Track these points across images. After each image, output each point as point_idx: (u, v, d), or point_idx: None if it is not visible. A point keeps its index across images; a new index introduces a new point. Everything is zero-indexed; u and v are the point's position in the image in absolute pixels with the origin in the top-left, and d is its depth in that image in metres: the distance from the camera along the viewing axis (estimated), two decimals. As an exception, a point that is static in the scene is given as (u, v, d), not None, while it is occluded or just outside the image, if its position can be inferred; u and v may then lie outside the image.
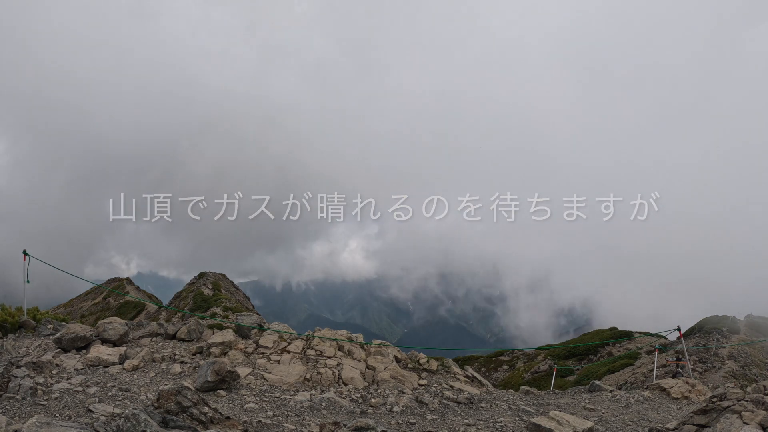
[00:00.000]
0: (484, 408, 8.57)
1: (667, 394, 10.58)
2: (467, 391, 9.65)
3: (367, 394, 8.81)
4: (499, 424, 7.53)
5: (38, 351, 9.56)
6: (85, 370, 8.51)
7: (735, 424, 5.36)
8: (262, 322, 11.61)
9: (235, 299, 56.48)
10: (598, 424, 7.91)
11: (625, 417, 8.52)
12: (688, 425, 6.18)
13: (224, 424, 5.52)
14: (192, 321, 11.36)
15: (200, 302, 50.27)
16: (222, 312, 43.90)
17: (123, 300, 54.60)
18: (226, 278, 66.57)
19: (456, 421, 7.70)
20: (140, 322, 11.38)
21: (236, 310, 45.04)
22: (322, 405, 7.86)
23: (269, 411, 7.38)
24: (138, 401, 7.23)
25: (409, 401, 8.46)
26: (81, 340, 9.61)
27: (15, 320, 11.03)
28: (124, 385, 7.83)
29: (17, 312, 11.67)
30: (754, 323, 42.37)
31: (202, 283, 59.10)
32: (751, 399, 5.95)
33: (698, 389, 10.72)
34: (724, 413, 5.84)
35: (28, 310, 12.19)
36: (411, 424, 7.42)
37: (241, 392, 8.18)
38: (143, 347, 10.01)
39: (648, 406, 9.59)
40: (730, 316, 43.95)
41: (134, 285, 66.01)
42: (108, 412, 6.33)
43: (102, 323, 10.42)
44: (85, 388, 7.50)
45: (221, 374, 8.06)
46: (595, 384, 11.38)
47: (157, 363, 9.32)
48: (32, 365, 8.02)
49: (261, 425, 6.55)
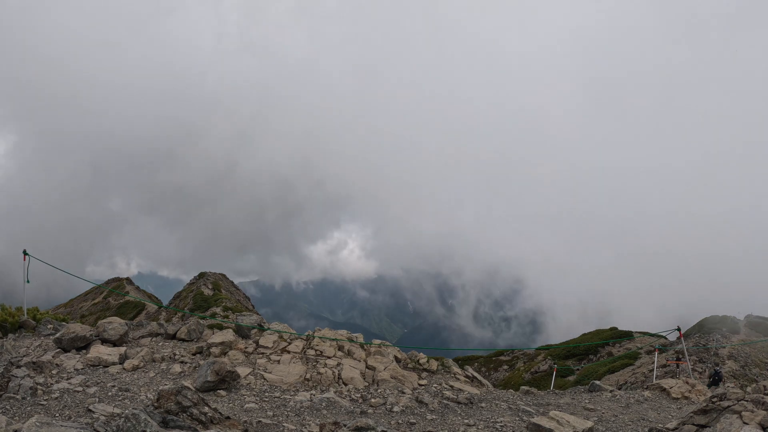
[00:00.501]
0: (484, 408, 8.57)
1: (667, 394, 10.58)
2: (467, 391, 9.66)
3: (367, 394, 8.81)
4: (499, 424, 7.53)
5: (38, 351, 9.56)
6: (85, 370, 8.51)
7: (735, 424, 5.36)
8: (262, 322, 11.62)
9: (235, 299, 56.47)
10: (598, 424, 7.91)
11: (625, 417, 8.52)
12: (688, 425, 6.18)
13: (224, 424, 5.52)
14: (192, 321, 11.36)
15: (200, 302, 50.26)
16: (222, 312, 43.90)
17: (123, 300, 54.59)
18: (226, 278, 66.58)
19: (456, 421, 7.70)
20: (140, 322, 11.38)
21: (236, 310, 45.04)
22: (322, 405, 7.86)
23: (269, 411, 7.38)
24: (138, 401, 7.23)
25: (409, 401, 8.46)
26: (81, 340, 9.61)
27: (15, 320, 11.03)
28: (124, 385, 7.83)
29: (17, 312, 11.67)
30: (754, 323, 42.37)
31: (202, 283, 59.10)
32: (751, 399, 5.95)
33: (698, 389, 10.72)
34: (724, 413, 5.84)
35: (28, 310, 12.19)
36: (411, 424, 7.42)
37: (241, 392, 8.18)
38: (143, 347, 10.01)
39: (648, 406, 9.59)
40: (730, 316, 43.96)
41: (134, 285, 66.00)
42: (108, 412, 6.33)
43: (102, 323, 10.42)
44: (85, 388, 7.50)
45: (221, 374, 8.06)
46: (595, 384, 11.39)
47: (157, 363, 9.32)
48: (32, 365, 8.02)
49: (261, 425, 6.55)
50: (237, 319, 11.48)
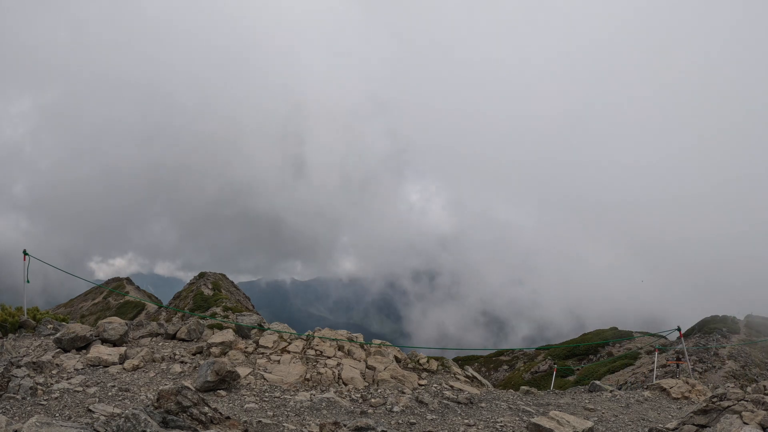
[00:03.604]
0: (484, 408, 8.57)
1: (667, 394, 10.58)
2: (467, 391, 9.66)
3: (367, 394, 8.81)
4: (499, 424, 7.53)
5: (38, 351, 9.56)
6: (85, 370, 8.51)
7: (735, 424, 5.36)
8: (262, 322, 11.62)
9: (235, 299, 56.49)
10: (598, 424, 7.91)
11: (625, 417, 8.52)
12: (688, 425, 6.18)
13: (224, 424, 5.52)
14: (192, 321, 11.36)
15: (200, 302, 50.28)
16: (222, 312, 43.91)
17: (123, 300, 54.61)
18: (226, 278, 66.63)
19: (456, 421, 7.69)
20: (140, 321, 11.39)
21: (236, 309, 45.05)
22: (322, 405, 7.86)
23: (269, 411, 7.38)
24: (138, 401, 7.22)
25: (409, 401, 8.46)
26: (81, 340, 9.61)
27: (15, 320, 11.03)
28: (124, 385, 7.83)
29: (17, 312, 11.68)
30: (754, 323, 42.38)
31: (202, 283, 59.14)
32: (751, 399, 5.95)
33: (698, 389, 10.72)
34: (724, 413, 5.84)
35: (28, 310, 12.20)
36: (411, 424, 7.42)
37: (241, 392, 8.17)
38: (143, 347, 10.01)
39: (648, 406, 9.58)
40: (730, 316, 43.97)
41: (134, 285, 66.04)
42: (108, 412, 6.32)
43: (102, 323, 10.42)
44: (85, 388, 7.50)
45: (221, 374, 8.06)
46: (595, 384, 11.39)
47: (157, 363, 9.32)
48: (32, 365, 8.02)
49: (261, 425, 6.55)
50: (237, 319, 11.48)
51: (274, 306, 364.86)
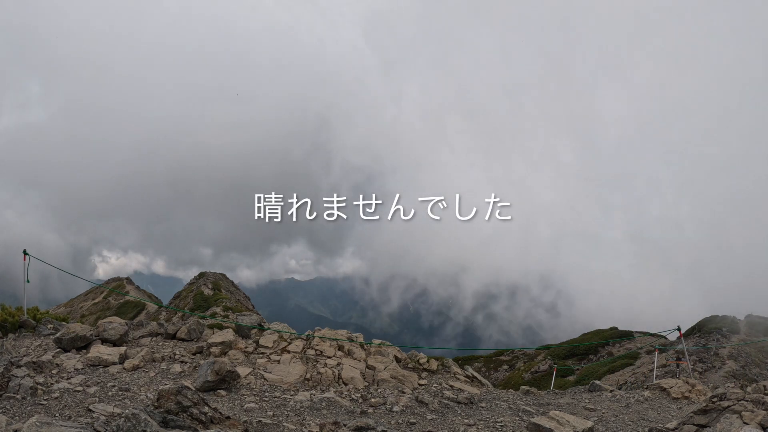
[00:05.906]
0: (484, 408, 8.57)
1: (667, 394, 10.58)
2: (467, 391, 9.66)
3: (367, 394, 8.81)
4: (499, 423, 7.53)
5: (38, 351, 9.56)
6: (85, 369, 8.51)
7: (735, 424, 5.36)
8: (262, 321, 11.62)
9: (235, 299, 56.52)
10: (598, 424, 7.91)
11: (625, 417, 8.52)
12: (688, 425, 6.18)
13: (224, 424, 5.52)
14: (192, 321, 11.36)
15: (200, 302, 50.31)
16: (222, 312, 43.92)
17: (123, 300, 54.64)
18: (226, 278, 66.66)
19: (456, 420, 7.70)
20: (140, 321, 11.39)
21: (236, 309, 45.07)
22: (322, 405, 7.86)
23: (269, 411, 7.38)
24: (138, 401, 7.22)
25: (409, 401, 8.46)
26: (81, 339, 9.61)
27: (15, 320, 11.03)
28: (124, 385, 7.83)
29: (17, 312, 11.67)
30: (754, 323, 42.36)
31: (202, 282, 59.16)
32: (751, 399, 5.95)
33: (698, 389, 10.72)
34: (724, 413, 5.84)
35: (28, 309, 12.19)
36: (411, 423, 7.42)
37: (241, 392, 8.17)
38: (143, 347, 10.01)
39: (648, 406, 9.59)
40: (730, 316, 43.94)
41: (134, 285, 66.07)
42: (108, 411, 6.32)
43: (102, 323, 10.42)
44: (85, 388, 7.50)
45: (221, 374, 8.06)
46: (595, 384, 11.39)
47: (157, 363, 9.32)
48: (32, 365, 8.01)
49: (261, 425, 6.55)
50: (237, 318, 11.48)
51: (274, 306, 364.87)
